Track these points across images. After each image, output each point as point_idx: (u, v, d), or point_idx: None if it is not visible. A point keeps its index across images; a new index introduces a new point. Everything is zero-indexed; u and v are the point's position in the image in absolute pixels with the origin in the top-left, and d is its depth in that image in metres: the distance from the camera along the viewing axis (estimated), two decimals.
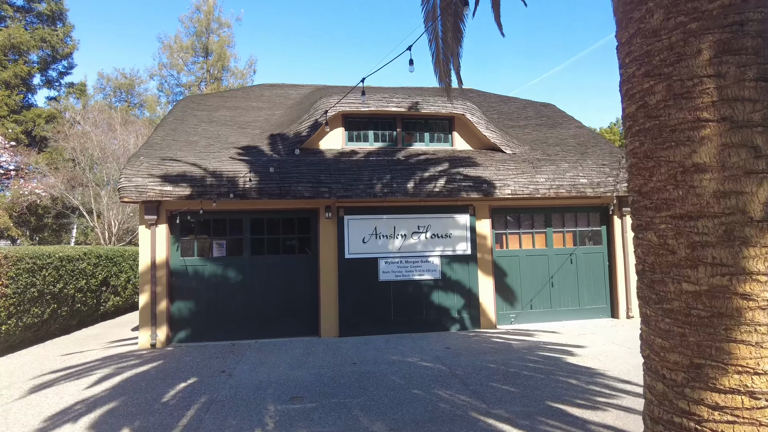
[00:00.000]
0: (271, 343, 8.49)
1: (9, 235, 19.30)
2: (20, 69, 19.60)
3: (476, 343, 8.10)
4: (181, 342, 8.79)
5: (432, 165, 9.22)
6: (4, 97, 18.96)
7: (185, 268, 8.88)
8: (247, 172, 8.51)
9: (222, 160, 8.74)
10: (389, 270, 9.08)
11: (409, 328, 9.04)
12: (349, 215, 9.04)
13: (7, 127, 19.03)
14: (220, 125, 10.57)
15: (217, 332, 8.86)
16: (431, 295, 9.21)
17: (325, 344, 8.29)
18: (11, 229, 19.30)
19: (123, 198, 8.38)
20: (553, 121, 12.51)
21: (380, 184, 8.80)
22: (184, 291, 8.85)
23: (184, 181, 8.36)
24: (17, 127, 19.18)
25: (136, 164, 8.53)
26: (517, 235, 10.02)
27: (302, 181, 8.58)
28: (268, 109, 11.77)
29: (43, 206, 20.81)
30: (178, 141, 9.61)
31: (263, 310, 8.97)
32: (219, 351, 8.04)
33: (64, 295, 10.16)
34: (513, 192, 9.23)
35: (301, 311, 9.07)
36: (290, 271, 9.08)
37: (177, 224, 8.89)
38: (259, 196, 8.48)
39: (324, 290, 8.95)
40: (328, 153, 9.53)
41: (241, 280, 8.96)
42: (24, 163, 20.01)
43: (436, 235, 9.30)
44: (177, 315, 8.81)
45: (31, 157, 19.53)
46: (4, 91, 19.15)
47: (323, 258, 8.99)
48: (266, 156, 9.10)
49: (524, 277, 9.87)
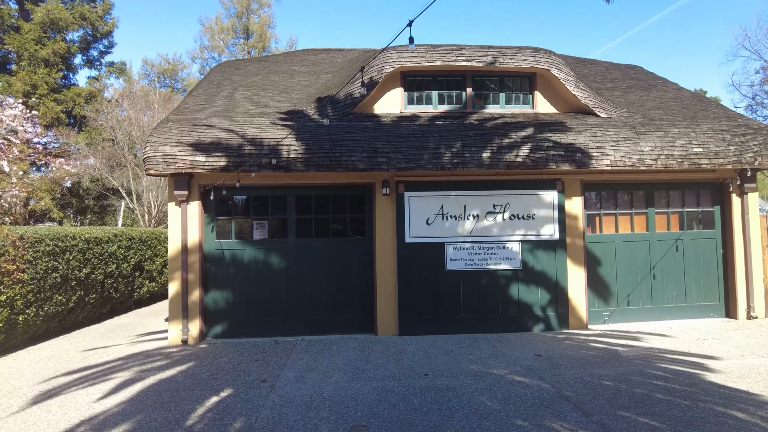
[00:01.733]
0: (320, 342, 7.17)
1: (51, 217, 18.95)
2: (59, 46, 19.04)
3: (572, 349, 6.52)
4: (216, 338, 7.60)
5: (512, 130, 7.59)
6: (44, 75, 18.47)
7: (221, 253, 7.66)
8: (291, 139, 7.15)
9: (262, 125, 7.41)
10: (458, 258, 7.56)
11: (482, 328, 7.53)
12: (411, 191, 7.56)
13: (47, 105, 18.53)
14: (259, 90, 9.25)
15: (257, 327, 7.62)
16: (510, 289, 7.65)
17: (384, 345, 6.89)
18: (53, 210, 18.94)
19: (149, 170, 7.18)
20: (645, 83, 10.56)
21: (449, 152, 7.26)
22: (220, 279, 7.64)
23: (219, 150, 7.08)
24: (57, 106, 18.68)
25: (163, 131, 7.31)
26: (613, 216, 8.28)
27: (355, 149, 7.15)
28: (314, 73, 10.38)
29: (85, 187, 20.37)
30: (213, 106, 8.35)
31: (310, 303, 7.66)
32: (260, 350, 6.79)
33: (92, 281, 9.19)
34: (613, 163, 7.49)
35: (354, 304, 7.70)
36: (341, 257, 7.72)
37: (212, 201, 7.65)
38: (305, 168, 7.11)
39: (380, 280, 7.54)
40: (384, 118, 8.05)
41: (285, 267, 7.67)
42: (65, 143, 19.54)
43: (515, 216, 7.70)
44: (212, 306, 7.62)
45: (71, 137, 19.02)
46: (43, 69, 18.65)
47: (379, 242, 7.57)
48: (313, 122, 7.71)
49: (621, 268, 8.14)
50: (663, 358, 6.02)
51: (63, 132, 19.25)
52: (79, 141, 19.14)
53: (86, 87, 20.94)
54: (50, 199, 18.95)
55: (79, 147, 19.61)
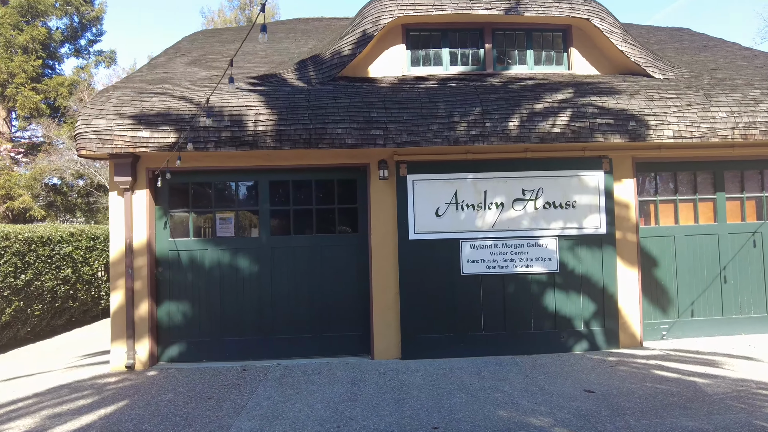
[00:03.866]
0: (299, 369, 5.56)
1: (31, 216, 17.60)
2: (38, 32, 17.65)
3: (632, 380, 4.82)
4: (172, 361, 6.02)
5: (545, 93, 5.89)
6: (21, 62, 17.10)
7: (177, 255, 6.06)
8: (259, 107, 5.53)
9: (224, 92, 5.80)
10: (478, 258, 5.89)
11: (509, 348, 5.86)
12: (416, 174, 5.90)
13: (26, 95, 17.14)
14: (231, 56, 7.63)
15: (223, 348, 6.03)
16: (544, 298, 5.96)
17: (381, 375, 5.24)
18: (33, 209, 17.60)
19: (80, 150, 5.61)
20: (699, 44, 8.77)
21: (465, 122, 5.58)
22: (176, 287, 6.05)
23: (168, 123, 5.48)
24: (36, 96, 17.32)
25: (99, 101, 5.73)
26: (672, 203, 6.54)
27: (343, 119, 5.50)
28: (302, 39, 8.75)
29: (68, 183, 18.96)
30: (170, 74, 6.76)
31: (289, 317, 6.04)
32: (220, 381, 5.20)
33: (36, 290, 7.67)
34: (676, 134, 5.77)
35: (345, 319, 6.07)
36: (327, 259, 6.08)
37: (164, 190, 6.06)
38: (277, 144, 5.48)
39: (378, 288, 5.90)
40: (382, 81, 6.38)
41: (257, 272, 6.05)
42: (46, 136, 18.14)
43: (551, 204, 6.00)
44: (166, 323, 6.04)
45: (52, 130, 17.60)
46: (21, 56, 17.29)
47: (376, 240, 5.92)
48: (290, 86, 6.07)
49: (682, 269, 6.41)
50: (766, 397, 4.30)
51: (44, 123, 17.85)
52: (62, 134, 17.74)
53: (70, 76, 19.56)
54: (30, 197, 17.59)
55: (62, 140, 18.20)
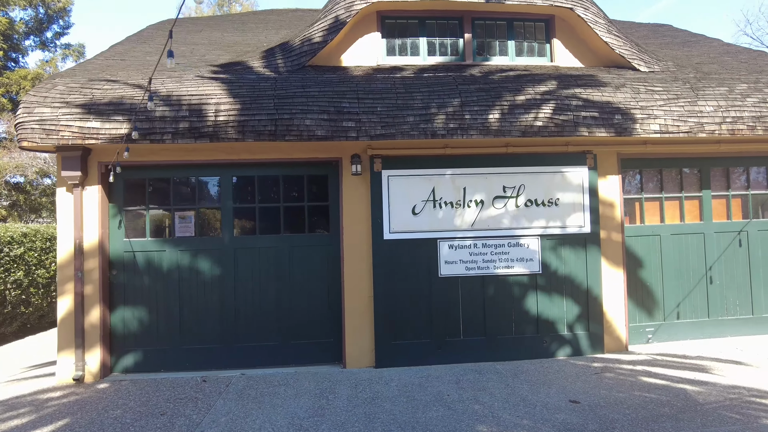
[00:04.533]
0: (264, 380, 5.13)
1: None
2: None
3: (619, 389, 4.53)
4: (127, 372, 5.53)
5: (527, 84, 5.58)
6: None
7: (132, 256, 5.58)
8: (221, 95, 5.09)
9: (184, 79, 5.35)
10: (456, 259, 5.55)
11: (489, 354, 5.52)
12: (391, 170, 5.53)
13: None
14: (197, 45, 7.17)
15: (183, 357, 5.57)
16: (526, 300, 5.65)
17: (352, 386, 4.85)
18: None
19: (21, 142, 5.09)
20: (682, 39, 8.60)
21: (443, 114, 5.23)
22: (132, 292, 5.57)
23: (121, 113, 5.00)
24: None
25: (44, 89, 5.22)
26: (658, 201, 6.30)
27: (312, 109, 5.09)
28: (273, 30, 8.31)
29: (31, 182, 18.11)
30: (128, 61, 6.27)
31: (254, 324, 5.61)
32: (176, 395, 4.75)
33: None
34: (663, 128, 5.51)
35: (314, 325, 5.66)
36: (296, 260, 5.66)
37: (118, 186, 5.58)
38: (240, 136, 5.05)
39: (350, 291, 5.51)
40: (355, 71, 6.00)
41: (220, 275, 5.61)
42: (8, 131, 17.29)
43: (533, 202, 5.69)
44: (121, 330, 5.55)
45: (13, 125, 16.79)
46: None
47: (349, 239, 5.54)
48: (255, 74, 5.64)
49: (668, 269, 6.17)
50: (766, 409, 4.04)
51: (5, 119, 17.00)
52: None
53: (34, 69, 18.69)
54: None
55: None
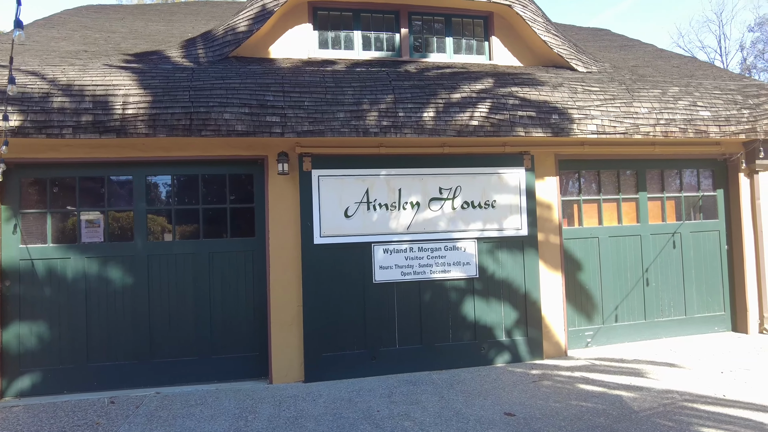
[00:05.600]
0: (181, 398, 4.65)
1: None
2: None
3: (556, 398, 4.36)
4: (22, 396, 4.90)
5: (464, 82, 5.38)
6: None
7: (30, 264, 4.96)
8: (130, 86, 4.59)
9: (89, 68, 4.80)
10: (391, 264, 5.26)
11: (426, 363, 5.26)
12: (322, 169, 5.18)
13: None
14: (113, 33, 6.58)
15: (89, 376, 4.99)
16: (463, 306, 5.43)
17: (276, 404, 4.45)
18: None
19: None
20: (619, 43, 8.72)
21: (375, 111, 4.94)
22: (29, 305, 4.94)
23: (13, 103, 4.41)
24: None
25: None
26: (596, 203, 6.26)
27: (232, 102, 4.68)
28: (204, 21, 7.80)
29: None
30: (31, 50, 5.63)
31: (172, 337, 5.11)
32: (76, 420, 4.20)
33: None
34: (600, 129, 5.45)
35: (238, 337, 5.21)
36: (218, 268, 5.21)
37: (14, 187, 4.95)
38: (150, 131, 4.56)
39: (277, 301, 5.10)
40: (283, 63, 5.62)
41: (133, 284, 5.07)
42: None
43: (469, 204, 5.49)
44: (15, 349, 4.91)
45: None
46: None
47: (275, 244, 5.14)
48: (171, 64, 5.17)
49: (606, 271, 6.13)
50: (698, 414, 3.96)
51: None
52: None
53: None
54: None
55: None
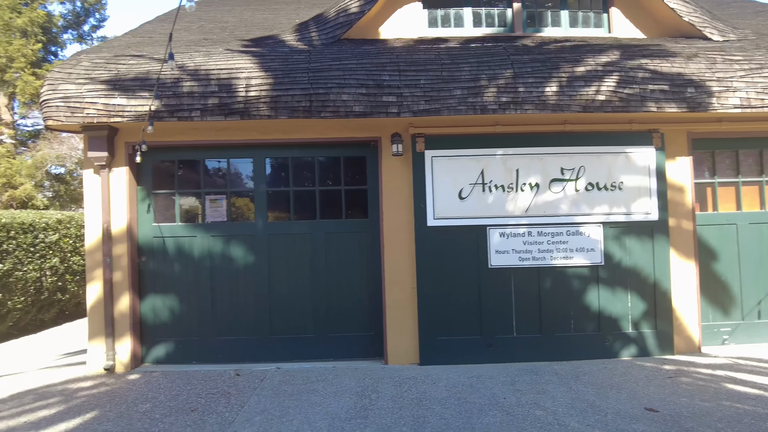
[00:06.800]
0: (301, 374, 4.78)
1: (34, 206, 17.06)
2: (37, 14, 17.09)
3: (701, 396, 3.97)
4: (158, 363, 5.29)
5: (587, 55, 5.02)
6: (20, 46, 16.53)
7: (162, 242, 5.32)
8: (252, 69, 4.73)
9: (212, 54, 5.01)
10: (509, 248, 5.05)
11: (545, 354, 5.02)
12: (435, 150, 5.06)
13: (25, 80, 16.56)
14: (226, 22, 6.82)
15: (216, 348, 5.28)
16: (586, 295, 5.11)
17: (396, 384, 4.44)
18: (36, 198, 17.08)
19: (47, 120, 4.87)
20: (753, 10, 7.77)
21: (493, 87, 4.73)
22: (162, 279, 5.31)
23: (147, 89, 4.71)
24: (36, 81, 16.73)
25: (69, 65, 4.97)
26: (734, 186, 5.64)
27: (349, 83, 4.67)
28: (306, 8, 7.90)
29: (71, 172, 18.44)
30: (155, 37, 5.98)
31: (290, 314, 5.27)
32: (208, 389, 4.45)
33: (16, 281, 6.99)
34: (744, 102, 4.86)
35: (353, 317, 5.27)
36: (333, 248, 5.28)
37: (147, 168, 5.32)
38: (272, 113, 4.68)
39: (391, 282, 5.09)
40: (395, 42, 5.55)
41: (253, 263, 5.29)
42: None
43: (594, 186, 5.13)
44: (152, 319, 5.31)
45: None
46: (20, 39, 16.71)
47: (389, 226, 5.11)
48: (288, 47, 5.26)
49: (746, 262, 5.51)
50: None
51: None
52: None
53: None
54: (32, 186, 17.06)
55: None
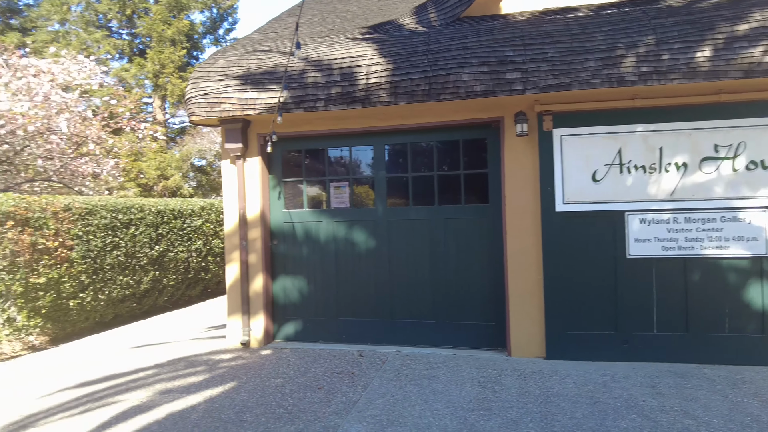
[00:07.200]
0: (421, 360, 4.79)
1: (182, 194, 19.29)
2: (182, 24, 19.14)
3: None
4: (287, 340, 5.66)
5: (749, 11, 4.26)
6: (170, 54, 18.68)
7: (291, 227, 5.64)
8: (372, 56, 4.76)
9: (334, 44, 5.13)
10: (650, 236, 4.53)
11: (691, 355, 4.44)
12: (564, 128, 4.68)
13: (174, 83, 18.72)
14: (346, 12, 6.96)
15: (339, 329, 5.50)
16: (746, 290, 4.42)
17: (520, 378, 4.24)
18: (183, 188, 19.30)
19: (191, 116, 5.38)
20: None
21: (632, 56, 4.23)
22: (291, 262, 5.65)
23: (275, 81, 4.97)
24: (182, 83, 18.80)
25: (207, 64, 5.43)
26: None
27: (470, 62, 4.49)
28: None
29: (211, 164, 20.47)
30: (281, 32, 6.29)
31: (413, 300, 5.29)
32: (333, 367, 4.65)
33: (169, 261, 7.93)
34: None
35: (474, 305, 5.14)
36: (452, 234, 5.18)
37: (276, 158, 5.66)
38: (392, 98, 4.67)
39: (514, 271, 4.85)
40: (518, 16, 5.22)
41: (374, 247, 5.38)
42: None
43: (757, 164, 4.39)
44: (282, 299, 5.68)
45: None
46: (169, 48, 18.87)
47: (512, 211, 4.86)
48: (406, 31, 5.21)
49: None
50: None
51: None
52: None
53: None
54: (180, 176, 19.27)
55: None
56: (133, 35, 20.73)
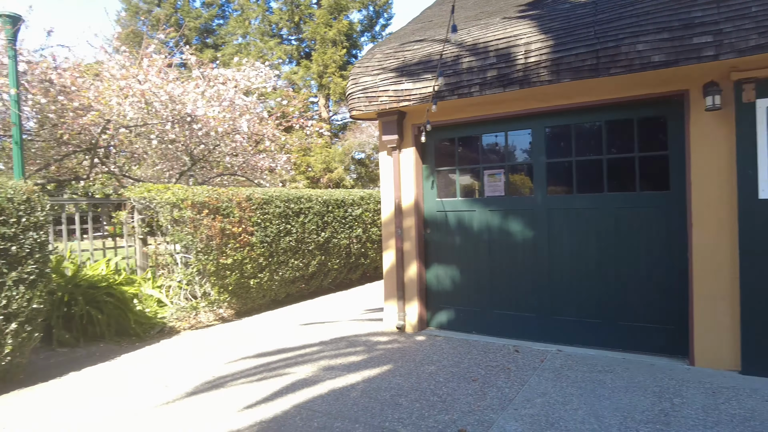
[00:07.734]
0: (585, 361, 4.42)
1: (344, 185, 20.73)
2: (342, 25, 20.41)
3: None
4: (440, 328, 5.71)
5: None
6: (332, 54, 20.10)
7: (444, 216, 5.65)
8: (530, 34, 4.47)
9: (489, 25, 4.94)
10: None
11: None
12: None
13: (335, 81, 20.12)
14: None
15: (492, 322, 5.37)
16: None
17: (708, 391, 3.65)
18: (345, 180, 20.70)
19: (351, 111, 5.68)
20: None
21: None
22: (443, 250, 5.66)
23: (429, 71, 4.99)
24: (343, 81, 20.08)
25: (366, 59, 5.66)
26: None
27: (646, 30, 3.94)
28: None
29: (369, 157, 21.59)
30: (435, 20, 6.27)
31: (571, 295, 4.91)
32: (488, 361, 4.55)
33: (334, 246, 8.56)
34: None
35: (647, 305, 4.55)
36: (623, 225, 4.64)
37: (429, 147, 5.69)
38: (553, 77, 4.34)
39: (701, 267, 4.17)
40: None
41: (532, 238, 5.11)
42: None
43: None
44: (435, 286, 5.74)
45: None
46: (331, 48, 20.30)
47: (699, 199, 4.18)
48: (568, 3, 4.77)
49: None
50: None
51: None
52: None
53: None
54: (343, 169, 20.72)
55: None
56: (299, 40, 22.78)
